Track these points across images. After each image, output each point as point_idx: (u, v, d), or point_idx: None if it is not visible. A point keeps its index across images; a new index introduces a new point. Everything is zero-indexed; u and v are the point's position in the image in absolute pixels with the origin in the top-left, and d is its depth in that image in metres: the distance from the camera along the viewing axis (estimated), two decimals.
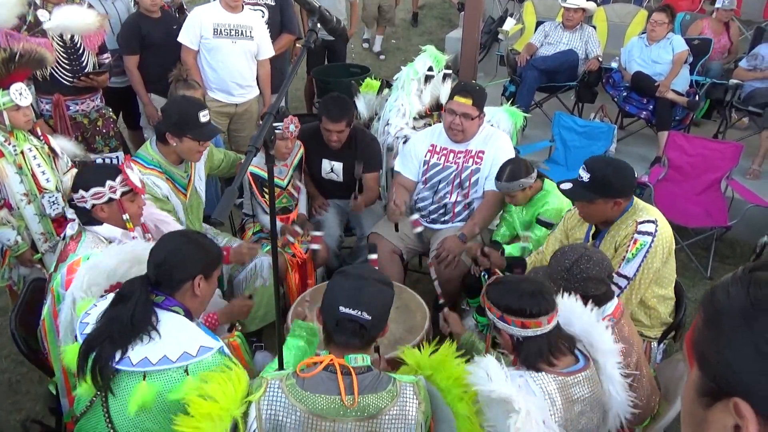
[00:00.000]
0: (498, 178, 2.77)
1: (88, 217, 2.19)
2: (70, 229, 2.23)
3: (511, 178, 2.72)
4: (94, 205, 2.16)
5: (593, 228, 2.45)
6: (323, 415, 1.48)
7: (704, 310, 0.69)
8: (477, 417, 1.62)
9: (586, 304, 1.92)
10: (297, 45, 4.69)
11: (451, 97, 2.99)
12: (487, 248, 2.71)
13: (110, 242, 2.19)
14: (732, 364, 0.64)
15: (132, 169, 2.27)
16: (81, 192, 2.15)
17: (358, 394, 1.50)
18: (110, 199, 2.18)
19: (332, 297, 1.59)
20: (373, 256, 2.33)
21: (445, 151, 3.07)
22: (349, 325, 1.55)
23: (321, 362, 1.55)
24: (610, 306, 1.95)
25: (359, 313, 1.54)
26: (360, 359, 1.56)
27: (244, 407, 1.52)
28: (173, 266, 1.73)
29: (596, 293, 1.94)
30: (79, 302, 1.87)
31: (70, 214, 2.24)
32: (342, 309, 1.54)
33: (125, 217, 2.22)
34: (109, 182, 2.17)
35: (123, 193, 2.21)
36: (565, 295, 1.86)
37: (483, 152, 3.00)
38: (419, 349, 1.81)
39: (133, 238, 2.23)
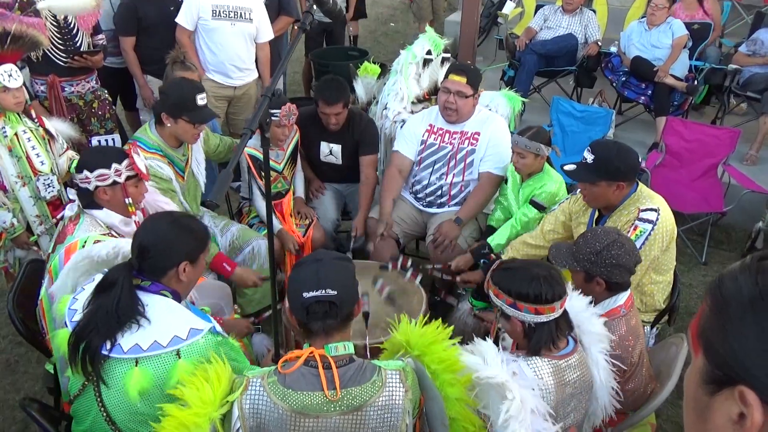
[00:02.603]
0: (521, 133, 2.75)
1: (89, 200, 2.18)
2: (69, 210, 2.22)
3: (534, 137, 2.72)
4: (97, 187, 2.15)
5: (597, 213, 2.46)
6: (306, 413, 1.45)
7: (712, 297, 0.69)
8: (469, 400, 1.61)
9: (607, 289, 1.94)
10: (295, 27, 4.65)
11: (446, 77, 2.99)
12: (464, 275, 2.76)
13: (108, 227, 2.19)
14: (738, 352, 0.64)
15: (138, 154, 2.26)
16: (85, 172, 2.13)
17: (342, 387, 1.47)
18: (114, 182, 2.17)
19: (294, 288, 1.55)
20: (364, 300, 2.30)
21: (441, 132, 3.07)
22: (319, 307, 1.51)
23: (301, 356, 1.51)
24: (623, 296, 1.96)
25: (323, 291, 1.50)
26: (341, 347, 1.53)
27: (224, 408, 1.49)
28: (157, 254, 1.69)
29: (619, 281, 1.94)
30: (59, 298, 1.86)
31: (72, 194, 2.23)
32: (306, 294, 1.51)
33: (128, 201, 2.21)
34: (114, 165, 2.15)
35: (128, 177, 2.20)
36: None
37: (479, 134, 3.01)
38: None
39: (136, 223, 2.22)
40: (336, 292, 1.51)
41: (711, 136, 4.12)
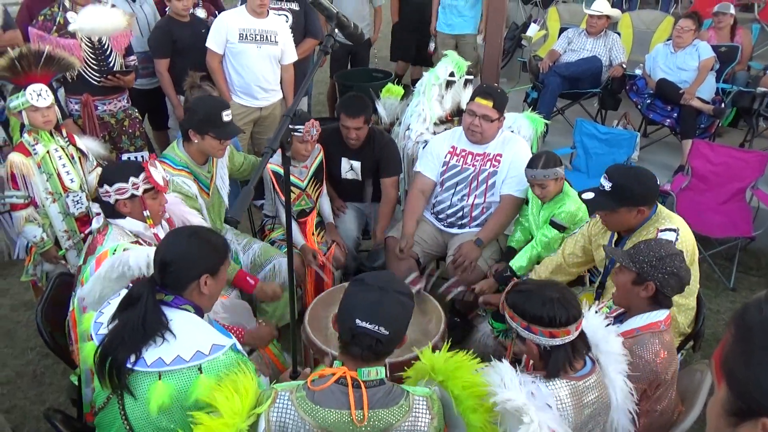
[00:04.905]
0: (533, 166, 2.73)
1: (112, 211, 2.25)
2: (96, 223, 2.29)
3: (547, 165, 2.70)
4: (117, 200, 2.22)
5: (616, 235, 2.43)
6: (332, 430, 1.46)
7: (735, 326, 0.68)
8: (492, 428, 1.60)
9: (652, 298, 1.92)
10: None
11: (472, 99, 3.01)
12: (486, 297, 2.77)
13: (135, 235, 2.25)
14: (761, 383, 0.63)
15: (155, 167, 2.32)
16: (105, 186, 2.21)
17: (369, 409, 1.47)
18: (132, 195, 2.23)
19: (349, 308, 1.53)
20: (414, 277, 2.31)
21: (464, 153, 3.08)
22: (366, 339, 1.50)
23: (333, 374, 1.51)
24: (663, 313, 1.94)
25: (377, 327, 1.48)
26: (373, 372, 1.52)
27: (251, 419, 1.50)
28: (178, 268, 1.71)
29: (668, 294, 1.92)
30: (84, 316, 1.90)
31: (96, 208, 2.30)
32: (359, 323, 1.48)
33: (146, 213, 2.27)
34: (132, 179, 2.22)
35: (145, 191, 2.26)
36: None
37: (501, 155, 3.01)
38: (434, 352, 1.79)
39: (156, 236, 2.28)
40: (388, 333, 1.49)
41: (739, 160, 4.05)
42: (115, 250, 2.06)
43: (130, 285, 1.84)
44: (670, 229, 2.26)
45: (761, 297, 0.68)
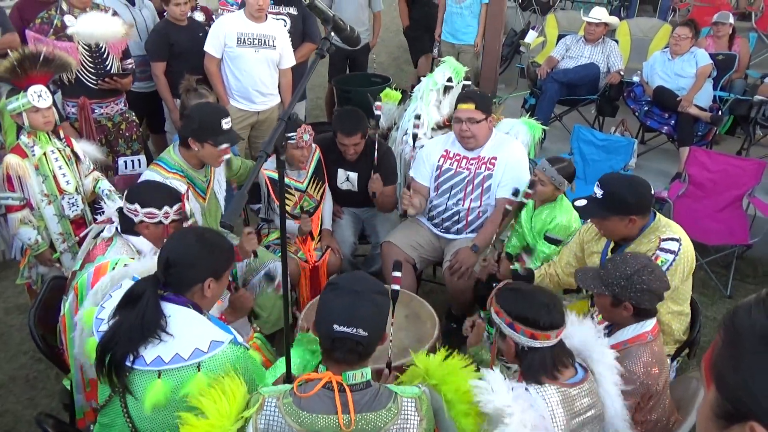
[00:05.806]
0: (549, 161, 2.74)
1: (129, 226, 2.23)
2: (108, 232, 2.26)
3: (560, 171, 2.71)
4: (141, 221, 2.21)
5: (612, 242, 2.42)
6: None
7: (725, 330, 0.69)
8: None
9: (635, 314, 1.93)
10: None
11: (455, 108, 3.03)
12: (504, 255, 2.73)
13: (138, 252, 2.23)
14: (750, 386, 0.63)
15: (189, 200, 2.33)
16: (136, 205, 2.19)
17: (356, 413, 1.47)
18: (159, 222, 2.23)
19: (325, 314, 1.54)
20: (397, 274, 2.32)
21: (458, 157, 3.08)
22: (346, 343, 1.50)
23: (320, 380, 1.52)
24: (650, 323, 1.94)
25: (354, 330, 1.49)
26: (359, 375, 1.52)
27: (239, 423, 1.50)
28: (183, 269, 1.71)
29: (648, 307, 1.92)
30: (85, 309, 1.90)
31: (114, 217, 2.28)
32: (336, 328, 1.49)
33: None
34: (166, 208, 2.22)
35: (173, 221, 2.25)
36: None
37: (495, 158, 3.01)
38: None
39: None
40: (366, 334, 1.50)
41: (736, 167, 4.06)
42: (116, 264, 2.06)
43: (135, 277, 1.83)
44: (672, 239, 2.24)
45: (751, 300, 0.68)
